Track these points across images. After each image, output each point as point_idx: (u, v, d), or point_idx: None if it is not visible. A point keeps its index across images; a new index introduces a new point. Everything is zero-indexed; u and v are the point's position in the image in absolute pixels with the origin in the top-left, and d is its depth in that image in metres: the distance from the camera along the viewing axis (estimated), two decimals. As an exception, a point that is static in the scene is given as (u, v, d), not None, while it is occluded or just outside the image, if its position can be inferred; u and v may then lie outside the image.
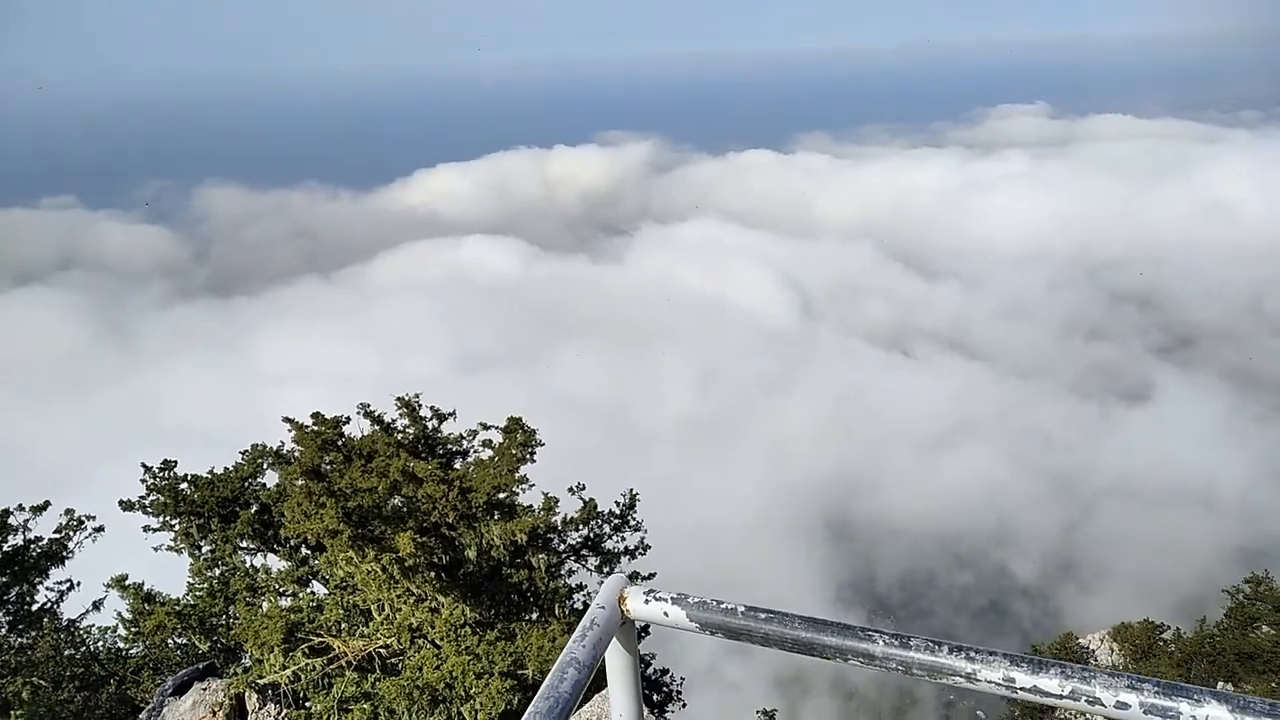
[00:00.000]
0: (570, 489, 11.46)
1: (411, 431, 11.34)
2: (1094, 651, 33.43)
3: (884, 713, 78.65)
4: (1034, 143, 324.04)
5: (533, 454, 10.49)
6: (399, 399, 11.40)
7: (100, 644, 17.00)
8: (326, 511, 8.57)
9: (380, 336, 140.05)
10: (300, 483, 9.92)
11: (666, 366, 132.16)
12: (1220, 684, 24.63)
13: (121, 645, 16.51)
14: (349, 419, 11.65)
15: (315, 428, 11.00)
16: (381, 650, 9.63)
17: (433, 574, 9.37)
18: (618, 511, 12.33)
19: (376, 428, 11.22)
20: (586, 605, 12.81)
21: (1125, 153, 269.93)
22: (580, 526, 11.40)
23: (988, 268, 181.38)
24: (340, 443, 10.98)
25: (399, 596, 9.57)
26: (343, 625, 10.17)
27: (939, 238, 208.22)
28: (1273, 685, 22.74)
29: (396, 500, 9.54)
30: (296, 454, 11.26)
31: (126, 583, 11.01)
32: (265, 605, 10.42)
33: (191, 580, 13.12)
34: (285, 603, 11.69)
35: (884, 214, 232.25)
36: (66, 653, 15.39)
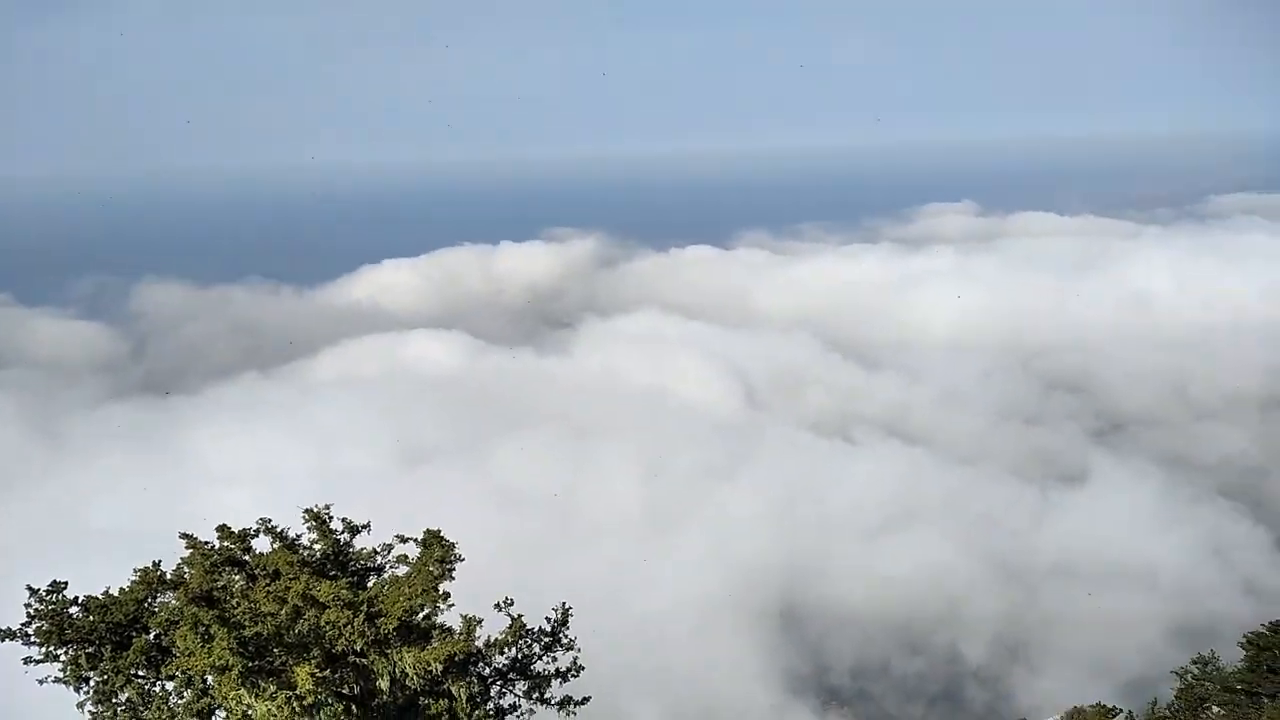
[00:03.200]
0: (497, 605, 10.63)
1: (319, 547, 10.51)
2: (1049, 739, 32.71)
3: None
4: (962, 238, 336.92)
5: (451, 570, 9.69)
6: (307, 511, 10.57)
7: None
8: (216, 643, 7.72)
9: (321, 432, 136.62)
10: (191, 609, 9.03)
11: (611, 458, 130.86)
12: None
13: None
14: (258, 532, 10.80)
15: (218, 542, 10.13)
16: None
17: (341, 707, 8.51)
18: (549, 629, 11.44)
19: (279, 545, 10.35)
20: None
21: (1049, 248, 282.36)
22: (506, 648, 10.54)
23: (924, 357, 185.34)
24: (246, 558, 10.14)
25: (302, 735, 8.65)
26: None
27: (875, 329, 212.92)
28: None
29: (303, 625, 8.72)
30: (186, 575, 10.31)
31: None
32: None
33: (93, 710, 11.91)
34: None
35: (822, 307, 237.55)
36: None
